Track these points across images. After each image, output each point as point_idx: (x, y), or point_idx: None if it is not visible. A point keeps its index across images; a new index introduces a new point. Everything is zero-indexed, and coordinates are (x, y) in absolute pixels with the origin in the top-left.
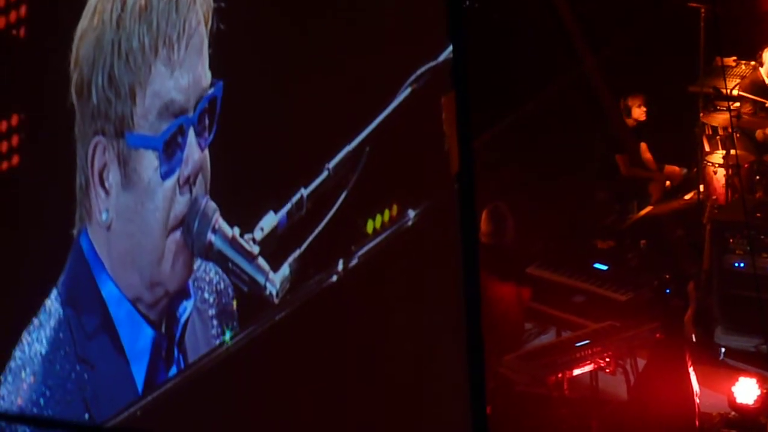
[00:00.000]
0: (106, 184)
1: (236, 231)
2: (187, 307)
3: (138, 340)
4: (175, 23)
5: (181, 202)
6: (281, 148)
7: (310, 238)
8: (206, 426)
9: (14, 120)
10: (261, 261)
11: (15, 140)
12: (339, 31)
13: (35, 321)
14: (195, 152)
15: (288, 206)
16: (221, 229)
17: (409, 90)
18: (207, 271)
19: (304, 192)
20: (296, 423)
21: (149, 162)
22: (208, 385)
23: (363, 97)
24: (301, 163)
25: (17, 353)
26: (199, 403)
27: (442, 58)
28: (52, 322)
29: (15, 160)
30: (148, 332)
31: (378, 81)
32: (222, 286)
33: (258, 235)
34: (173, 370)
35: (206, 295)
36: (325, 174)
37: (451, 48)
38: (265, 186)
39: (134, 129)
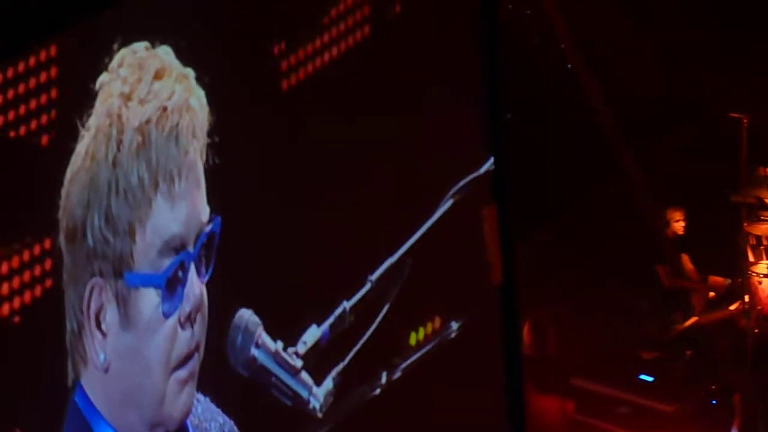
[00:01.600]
0: (103, 326)
1: (279, 345)
2: None
3: None
4: (176, 158)
5: (182, 340)
6: (323, 261)
7: (354, 351)
8: None
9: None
10: (304, 375)
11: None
12: (380, 142)
13: None
14: (196, 288)
15: (331, 319)
16: (265, 343)
17: (451, 202)
18: (207, 419)
19: (347, 305)
20: None
21: (150, 300)
22: None
23: (405, 209)
24: (343, 276)
25: None
26: None
27: (483, 169)
28: None
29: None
30: None
31: (420, 193)
32: (227, 428)
33: (301, 348)
34: None
35: None
36: (367, 286)
37: (492, 160)
38: (307, 299)
39: (134, 267)
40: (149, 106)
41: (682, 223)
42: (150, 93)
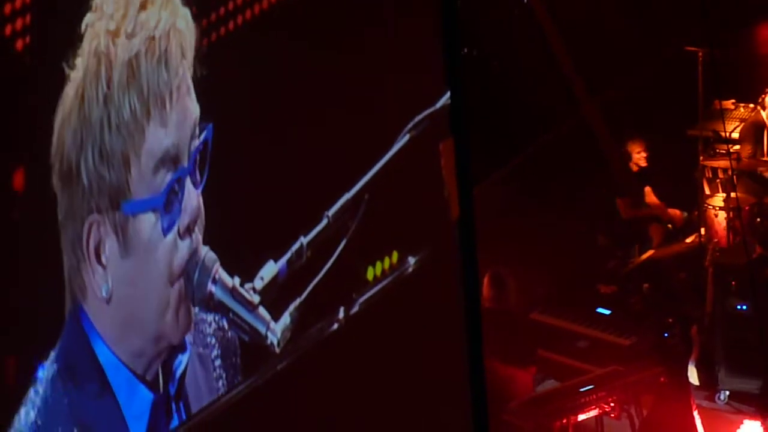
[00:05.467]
0: (103, 259)
1: (236, 281)
2: (183, 360)
3: (137, 404)
4: (166, 82)
5: (183, 250)
6: (279, 196)
7: (311, 287)
8: None
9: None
10: (262, 310)
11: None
12: (336, 78)
13: (32, 390)
14: (193, 199)
15: (288, 255)
16: (221, 279)
17: (407, 137)
18: (210, 324)
19: (304, 240)
20: None
21: (149, 222)
22: None
23: (361, 144)
24: (300, 211)
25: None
26: None
27: (440, 104)
28: (50, 391)
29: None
30: (147, 396)
31: (376, 128)
32: (226, 339)
33: (258, 284)
34: (174, 424)
35: (207, 338)
36: (324, 222)
37: (449, 94)
38: (264, 235)
39: (131, 196)
40: (137, 39)
41: (644, 155)
42: (137, 26)
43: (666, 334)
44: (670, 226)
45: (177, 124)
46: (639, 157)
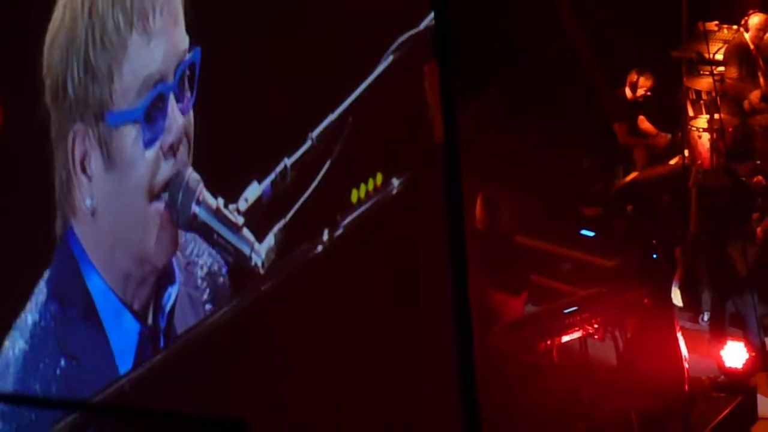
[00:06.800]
0: (88, 171)
1: (220, 202)
2: (172, 293)
3: (124, 334)
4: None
5: (166, 169)
6: (263, 117)
7: (295, 208)
8: (194, 398)
9: None
10: (246, 232)
11: None
12: (320, 0)
13: (22, 316)
14: (178, 119)
15: (272, 176)
16: (205, 200)
17: (390, 58)
18: (199, 254)
19: (288, 162)
20: (283, 394)
21: (131, 136)
22: (195, 357)
23: (345, 65)
24: (284, 132)
25: (4, 350)
26: (186, 375)
27: (423, 25)
28: (38, 318)
29: None
30: (134, 326)
31: (359, 49)
32: (216, 267)
33: (242, 205)
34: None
35: (198, 281)
36: (308, 143)
37: (432, 15)
38: (248, 156)
39: (114, 108)
40: None
41: (648, 93)
42: None
43: (655, 256)
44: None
45: (163, 45)
46: (642, 92)
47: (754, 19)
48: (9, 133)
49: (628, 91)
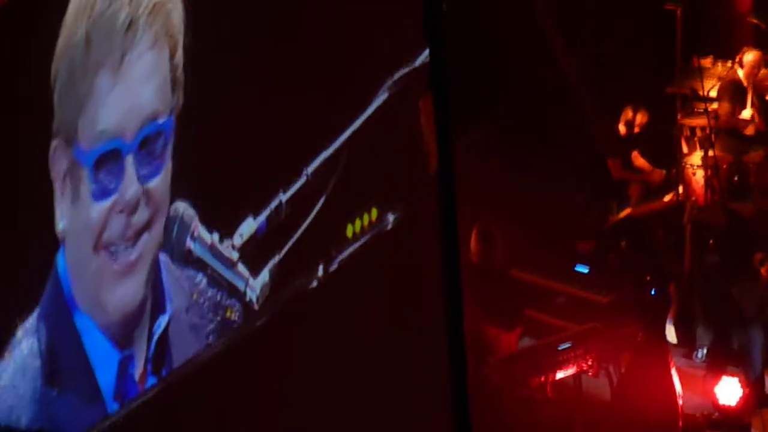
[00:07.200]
0: (65, 193)
1: (215, 237)
2: (162, 322)
3: (106, 361)
4: (131, 43)
5: (115, 228)
6: (259, 153)
7: (290, 244)
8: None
9: None
10: (241, 267)
11: None
12: (316, 38)
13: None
14: (134, 183)
15: (267, 211)
16: (200, 236)
17: (386, 94)
18: (211, 298)
19: (283, 197)
20: (278, 430)
21: (86, 180)
22: (189, 392)
23: (340, 101)
24: (279, 168)
25: None
26: (178, 410)
27: (419, 62)
28: (25, 344)
29: None
30: (114, 354)
31: (355, 86)
32: (225, 300)
33: (237, 241)
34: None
35: (204, 310)
36: (303, 179)
37: (427, 51)
38: (243, 191)
39: (80, 142)
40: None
41: (640, 126)
42: None
43: (653, 291)
44: (643, 188)
45: (125, 99)
46: (638, 128)
47: (749, 56)
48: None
49: (622, 128)
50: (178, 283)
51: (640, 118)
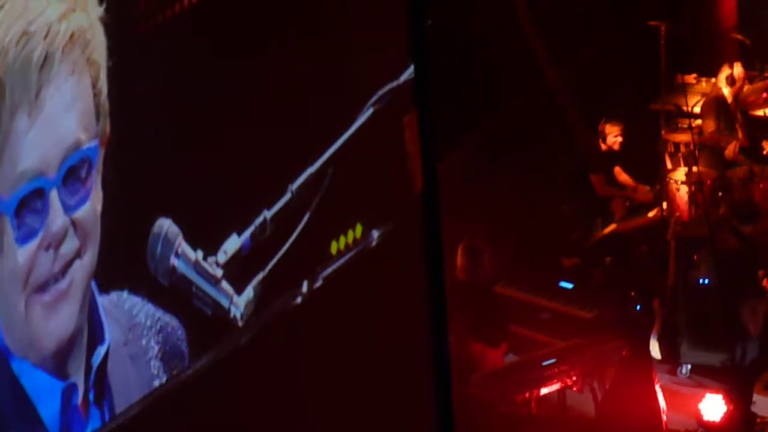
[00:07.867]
0: None
1: (199, 254)
2: (101, 352)
3: (48, 394)
4: (47, 77)
5: (45, 264)
6: (243, 170)
7: (274, 261)
8: None
9: None
10: (225, 284)
11: None
12: (300, 53)
13: None
14: (59, 216)
15: (251, 228)
16: (184, 253)
17: (371, 111)
18: (147, 315)
19: (267, 214)
20: None
21: (5, 228)
22: (171, 411)
23: (325, 118)
24: (263, 185)
25: None
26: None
27: (403, 78)
28: None
29: None
30: (57, 384)
31: (339, 102)
32: (169, 328)
33: (221, 258)
34: (94, 417)
35: (142, 341)
36: (288, 196)
37: (412, 68)
38: (227, 208)
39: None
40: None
41: (619, 139)
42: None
43: (638, 307)
44: (627, 204)
45: (46, 135)
46: (613, 140)
47: (728, 72)
48: None
49: (600, 142)
50: (113, 314)
51: (611, 128)
